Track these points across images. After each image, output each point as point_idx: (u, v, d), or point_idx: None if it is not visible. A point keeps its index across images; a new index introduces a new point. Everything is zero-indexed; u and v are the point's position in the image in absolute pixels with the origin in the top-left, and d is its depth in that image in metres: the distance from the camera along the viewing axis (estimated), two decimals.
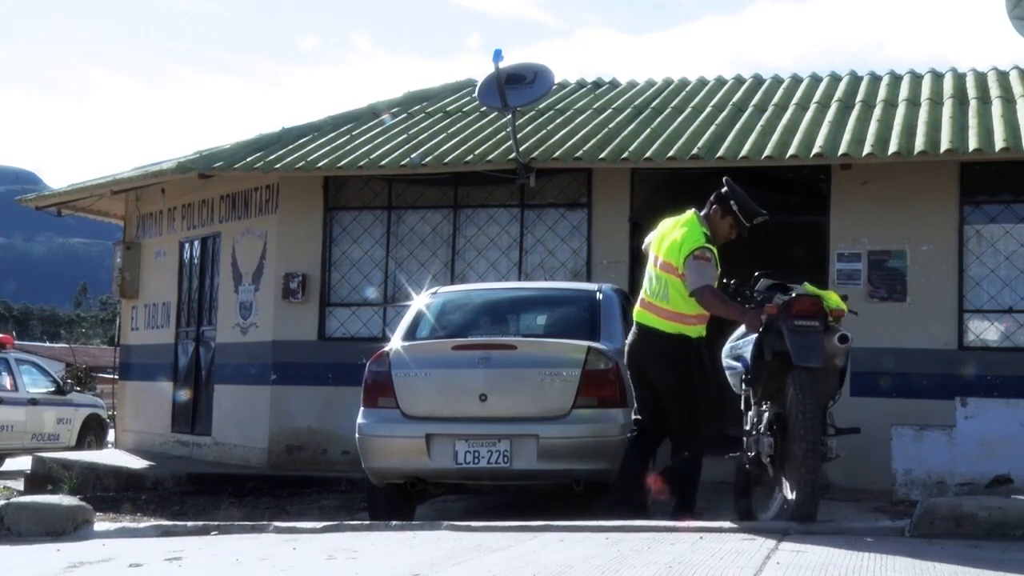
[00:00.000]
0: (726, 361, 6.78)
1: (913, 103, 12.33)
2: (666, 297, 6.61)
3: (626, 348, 6.92)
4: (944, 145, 10.73)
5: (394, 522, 6.55)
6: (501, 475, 7.39)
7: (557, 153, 11.62)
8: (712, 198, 6.82)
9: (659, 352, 6.65)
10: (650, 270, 6.81)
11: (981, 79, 13.50)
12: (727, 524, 5.57)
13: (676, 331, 6.59)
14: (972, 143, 10.73)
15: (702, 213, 6.80)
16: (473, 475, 7.43)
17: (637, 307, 6.89)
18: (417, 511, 7.97)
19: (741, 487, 6.63)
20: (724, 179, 6.91)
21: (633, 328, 6.87)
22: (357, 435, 7.67)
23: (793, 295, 6.07)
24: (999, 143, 10.68)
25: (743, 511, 6.56)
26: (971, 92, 12.70)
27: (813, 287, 6.22)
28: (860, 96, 12.85)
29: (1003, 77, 13.48)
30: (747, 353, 6.34)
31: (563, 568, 4.26)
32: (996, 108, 11.88)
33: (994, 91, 12.67)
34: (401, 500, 7.79)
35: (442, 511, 8.36)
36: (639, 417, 6.97)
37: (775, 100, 13.12)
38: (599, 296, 8.28)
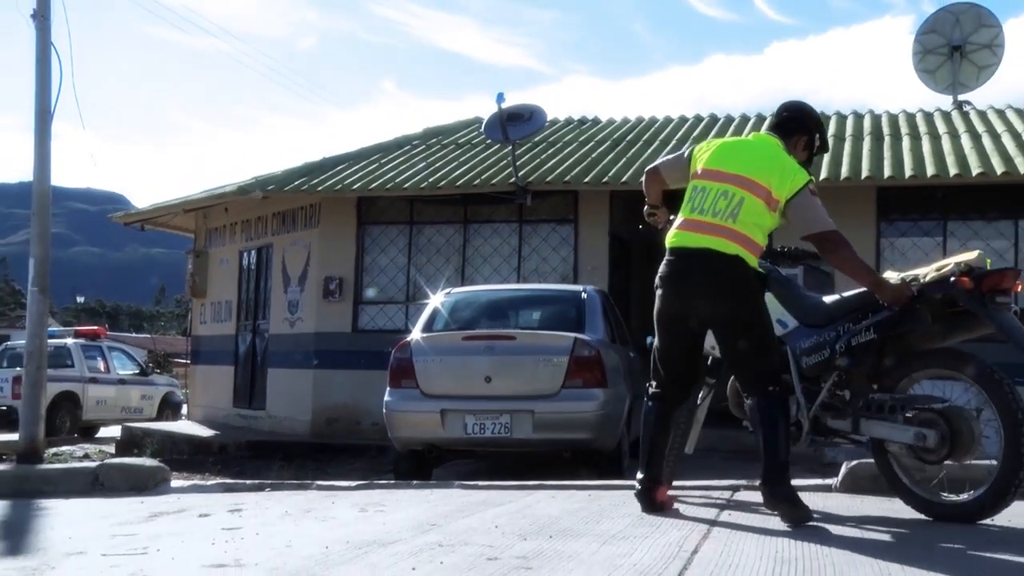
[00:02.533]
0: None
1: (839, 138, 12.33)
2: (735, 216, 4.26)
3: (660, 284, 4.41)
4: (864, 173, 10.74)
5: (414, 481, 6.52)
6: (503, 443, 7.37)
7: (549, 177, 11.60)
8: (792, 125, 4.60)
9: (714, 276, 4.25)
10: (704, 186, 4.38)
11: (894, 119, 13.52)
12: (688, 483, 5.51)
13: (736, 253, 4.23)
14: (887, 171, 10.74)
15: (772, 134, 4.57)
16: (480, 443, 7.41)
17: (674, 231, 4.41)
18: (433, 472, 7.94)
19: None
20: (800, 104, 4.72)
21: (667, 257, 4.40)
22: (384, 410, 7.64)
23: (980, 267, 4.05)
24: (908, 171, 10.71)
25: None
26: (886, 130, 12.72)
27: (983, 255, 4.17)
28: None
29: (911, 118, 13.52)
30: (786, 318, 4.61)
31: (554, 519, 4.24)
32: (906, 143, 11.89)
33: (904, 129, 12.69)
34: (420, 463, 7.77)
35: (454, 472, 8.34)
36: (659, 379, 4.56)
37: (728, 135, 13.10)
38: (584, 296, 8.25)
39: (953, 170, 10.62)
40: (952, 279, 4.00)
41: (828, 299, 4.63)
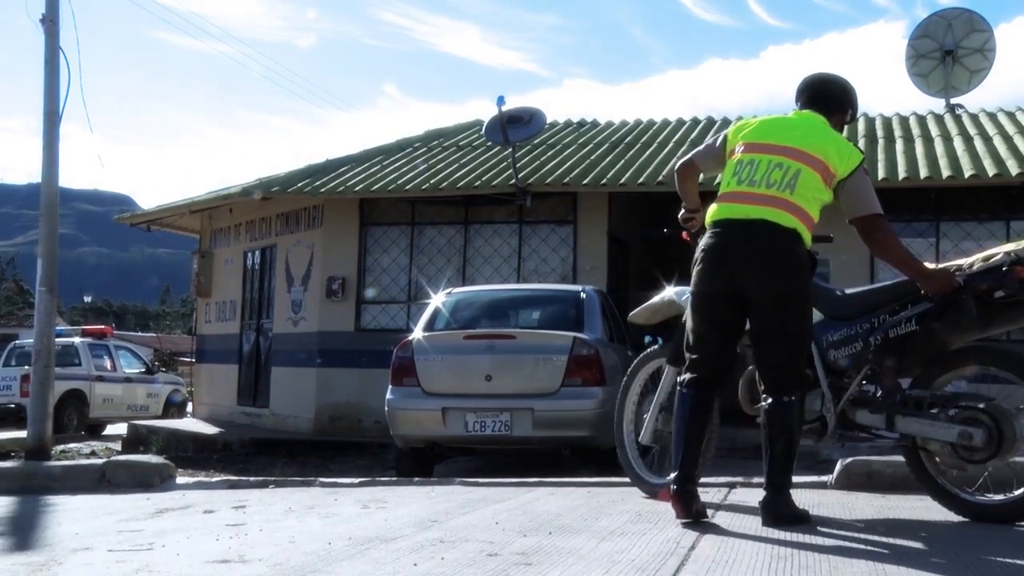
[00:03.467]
0: None
1: None
2: (791, 188, 3.83)
3: (701, 258, 3.93)
4: None
5: (416, 478, 6.51)
6: (503, 441, 7.36)
7: (549, 179, 11.60)
8: (833, 103, 4.18)
9: (767, 248, 3.81)
10: (752, 158, 3.95)
11: (887, 122, 13.50)
12: None
13: (792, 226, 3.82)
14: (881, 174, 10.72)
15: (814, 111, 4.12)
16: (480, 440, 7.40)
17: (719, 204, 3.95)
18: (435, 469, 7.94)
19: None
20: (839, 80, 4.27)
21: (712, 230, 3.93)
22: (386, 408, 7.64)
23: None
24: (901, 173, 10.69)
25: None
26: (879, 132, 12.69)
27: None
28: None
29: (904, 121, 13.49)
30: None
31: (553, 516, 4.23)
32: (899, 146, 11.88)
33: (897, 132, 12.68)
34: (422, 460, 7.77)
35: (455, 470, 8.32)
36: (693, 365, 3.99)
37: None
38: (583, 295, 8.24)
39: (946, 172, 10.61)
40: (1004, 268, 3.70)
41: (854, 291, 4.33)
